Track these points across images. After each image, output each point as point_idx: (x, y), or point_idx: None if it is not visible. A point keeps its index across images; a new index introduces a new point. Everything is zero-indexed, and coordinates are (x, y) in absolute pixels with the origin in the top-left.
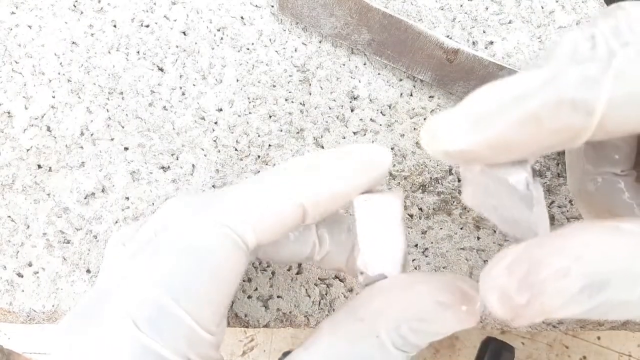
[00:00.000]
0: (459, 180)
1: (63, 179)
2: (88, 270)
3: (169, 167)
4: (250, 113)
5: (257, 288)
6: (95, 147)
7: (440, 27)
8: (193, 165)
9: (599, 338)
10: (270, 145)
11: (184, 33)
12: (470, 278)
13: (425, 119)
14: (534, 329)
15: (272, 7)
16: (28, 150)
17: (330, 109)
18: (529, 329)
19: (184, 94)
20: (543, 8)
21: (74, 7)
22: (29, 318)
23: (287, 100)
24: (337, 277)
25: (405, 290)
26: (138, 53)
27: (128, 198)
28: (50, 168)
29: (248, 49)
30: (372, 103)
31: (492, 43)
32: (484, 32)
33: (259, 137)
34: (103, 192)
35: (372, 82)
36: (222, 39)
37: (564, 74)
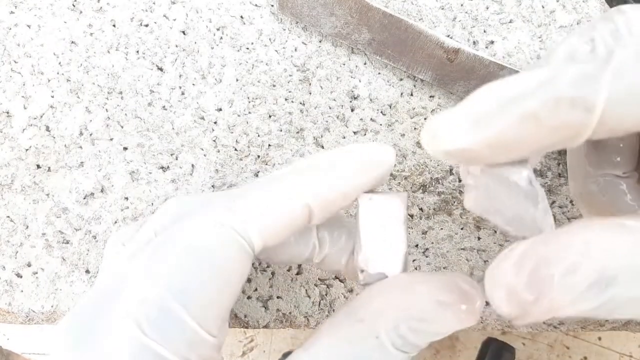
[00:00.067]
0: (460, 181)
1: (62, 179)
2: (87, 271)
3: (169, 167)
4: (250, 113)
5: (256, 288)
6: (95, 147)
7: (441, 26)
8: (192, 165)
9: (600, 338)
10: (270, 145)
11: (184, 32)
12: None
13: (426, 119)
14: (535, 330)
15: (271, 6)
16: (27, 150)
17: (331, 109)
18: (530, 330)
19: (184, 94)
20: (544, 7)
21: (73, 6)
22: (28, 318)
23: (287, 100)
24: (337, 277)
25: (405, 290)
26: (137, 52)
27: (127, 198)
28: (49, 168)
29: (248, 49)
30: (372, 103)
31: (492, 42)
32: (485, 31)
33: (259, 137)
34: (102, 192)
35: (372, 81)
36: (221, 39)
37: (563, 73)
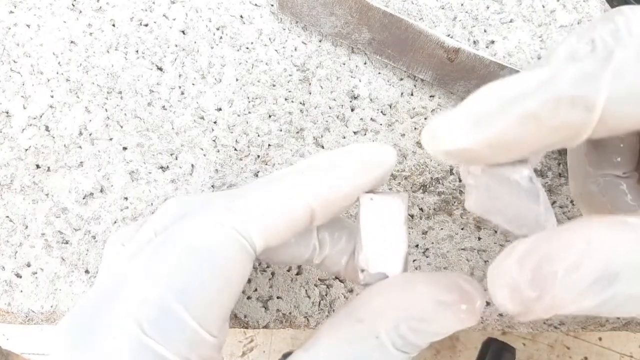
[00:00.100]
0: (460, 181)
1: (61, 179)
2: (87, 271)
3: (168, 167)
4: (250, 113)
5: (256, 289)
6: (94, 147)
7: (441, 26)
8: (192, 165)
9: (600, 339)
10: (270, 145)
11: (183, 32)
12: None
13: (426, 119)
14: (535, 330)
15: (271, 6)
16: (26, 150)
17: (331, 109)
18: (530, 330)
19: (183, 94)
20: (544, 7)
21: (73, 6)
22: (28, 319)
23: (287, 100)
24: (337, 278)
25: (405, 290)
26: (137, 52)
27: (127, 198)
28: (49, 168)
29: (247, 48)
30: (372, 102)
31: (493, 42)
32: (485, 31)
33: (259, 136)
34: (102, 192)
35: (372, 81)
36: (221, 38)
37: (563, 73)
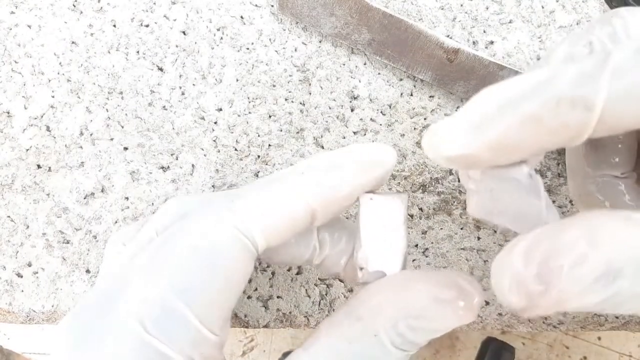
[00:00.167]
0: (459, 180)
1: (62, 179)
2: (87, 271)
3: (169, 167)
4: (250, 113)
5: (257, 288)
6: (95, 147)
7: (441, 26)
8: (193, 165)
9: (600, 338)
10: (270, 145)
11: (184, 33)
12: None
13: (426, 119)
14: (535, 330)
15: (272, 6)
16: (27, 150)
17: (330, 109)
18: (530, 329)
19: (184, 94)
20: (543, 8)
21: (74, 6)
22: (29, 318)
23: (287, 100)
24: (336, 278)
25: (403, 288)
26: (138, 53)
27: (128, 198)
28: (50, 168)
29: (248, 49)
30: (372, 103)
31: (492, 43)
32: (485, 31)
33: (259, 137)
34: (102, 192)
35: (372, 81)
36: (221, 39)
37: (562, 73)
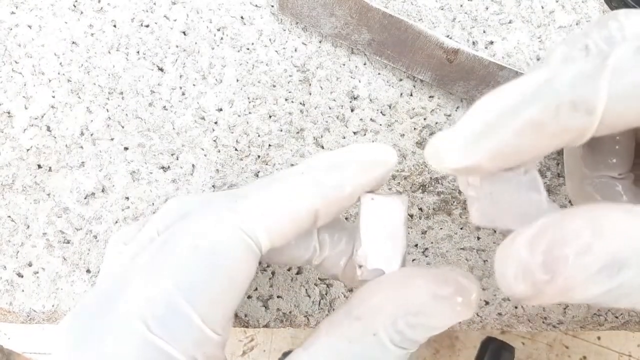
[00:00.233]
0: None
1: (63, 179)
2: (88, 270)
3: (169, 167)
4: (250, 113)
5: (257, 288)
6: (95, 147)
7: (440, 27)
8: (193, 165)
9: (599, 338)
10: (270, 145)
11: (184, 33)
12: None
13: (425, 119)
14: (534, 329)
15: (272, 7)
16: (28, 150)
17: (330, 109)
18: (529, 329)
19: (184, 94)
20: (543, 8)
21: (74, 7)
22: (29, 318)
23: (287, 100)
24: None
25: (401, 285)
26: (138, 53)
27: (128, 198)
28: (50, 168)
29: (248, 49)
30: (372, 103)
31: (492, 43)
32: (484, 32)
33: (259, 137)
34: (103, 192)
35: (372, 82)
36: (222, 39)
37: (560, 76)
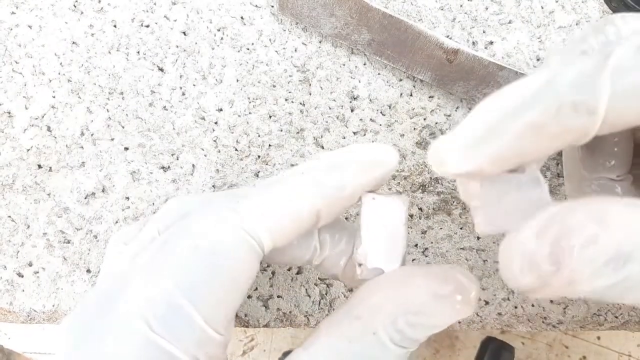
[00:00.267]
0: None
1: (63, 179)
2: (88, 270)
3: (169, 167)
4: (250, 113)
5: (257, 288)
6: (96, 147)
7: (440, 27)
8: (193, 165)
9: (599, 338)
10: (270, 145)
11: (184, 33)
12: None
13: (425, 119)
14: (534, 329)
15: (272, 7)
16: (28, 150)
17: (330, 109)
18: (529, 329)
19: (184, 94)
20: (543, 8)
21: (74, 7)
22: (29, 318)
23: (287, 100)
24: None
25: (401, 284)
26: (138, 53)
27: (128, 198)
28: (51, 168)
29: (248, 49)
30: (372, 103)
31: (492, 43)
32: (484, 32)
33: (259, 137)
34: (103, 192)
35: (372, 82)
36: (222, 39)
37: (560, 77)
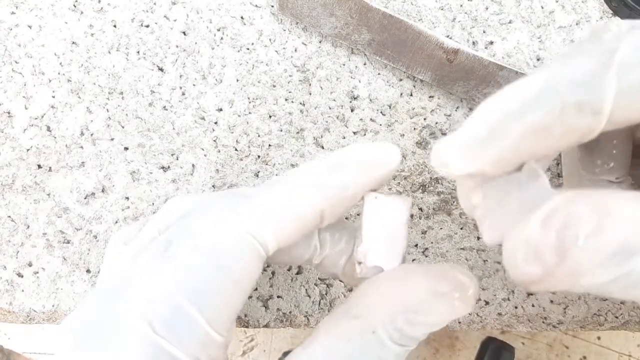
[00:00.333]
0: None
1: (63, 179)
2: (88, 270)
3: (169, 167)
4: (250, 113)
5: (257, 288)
6: (95, 147)
7: (440, 27)
8: (193, 165)
9: (599, 338)
10: (270, 145)
11: (184, 33)
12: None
13: (425, 119)
14: (534, 329)
15: (272, 7)
16: (28, 150)
17: (330, 109)
18: (529, 329)
19: (184, 94)
20: (543, 8)
21: (74, 7)
22: (29, 318)
23: (287, 100)
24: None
25: (399, 282)
26: (138, 53)
27: (128, 198)
28: (50, 168)
29: (248, 49)
30: (372, 103)
31: (492, 43)
32: (484, 32)
33: (259, 137)
34: (103, 192)
35: (372, 82)
36: (222, 39)
37: (563, 76)
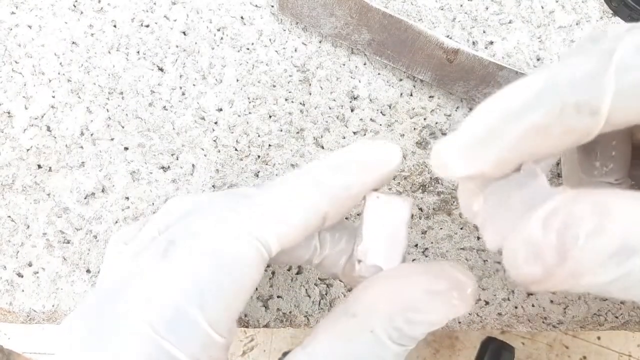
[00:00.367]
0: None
1: (63, 179)
2: (88, 270)
3: (169, 167)
4: (250, 113)
5: (257, 288)
6: (95, 147)
7: (440, 27)
8: (193, 165)
9: (599, 338)
10: (270, 145)
11: (184, 33)
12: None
13: (425, 119)
14: (534, 329)
15: (272, 7)
16: (28, 150)
17: (330, 109)
18: (529, 329)
19: (184, 94)
20: (543, 8)
21: (74, 7)
22: (29, 318)
23: (287, 100)
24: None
25: (398, 282)
26: (138, 53)
27: (128, 198)
28: (50, 168)
29: (248, 49)
30: (372, 103)
31: (492, 43)
32: (484, 32)
33: (259, 137)
34: (103, 192)
35: (372, 82)
36: (222, 39)
37: (562, 77)
